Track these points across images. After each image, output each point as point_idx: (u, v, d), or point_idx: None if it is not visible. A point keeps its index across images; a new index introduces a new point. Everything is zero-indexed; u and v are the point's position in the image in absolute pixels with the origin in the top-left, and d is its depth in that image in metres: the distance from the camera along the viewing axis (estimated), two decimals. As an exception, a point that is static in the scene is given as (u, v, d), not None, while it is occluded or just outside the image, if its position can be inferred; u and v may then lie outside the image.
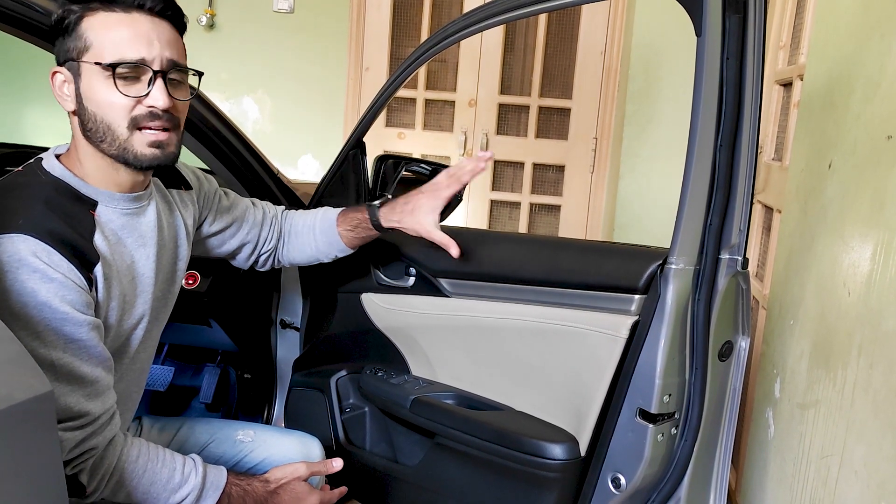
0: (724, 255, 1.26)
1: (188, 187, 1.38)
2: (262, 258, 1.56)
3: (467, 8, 3.63)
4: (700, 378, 1.27)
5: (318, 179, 1.86)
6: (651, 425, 1.26)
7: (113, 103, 1.07)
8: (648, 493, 1.35)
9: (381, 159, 1.91)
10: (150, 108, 1.08)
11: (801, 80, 1.79)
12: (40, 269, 1.00)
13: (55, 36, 1.10)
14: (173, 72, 1.11)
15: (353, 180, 1.76)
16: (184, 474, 1.16)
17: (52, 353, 1.01)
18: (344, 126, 3.87)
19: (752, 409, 1.72)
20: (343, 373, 1.74)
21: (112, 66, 1.06)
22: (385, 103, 1.66)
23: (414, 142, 3.82)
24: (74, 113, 1.11)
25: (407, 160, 2.07)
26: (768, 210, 2.06)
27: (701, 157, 1.19)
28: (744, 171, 1.22)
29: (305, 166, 3.99)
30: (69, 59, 1.09)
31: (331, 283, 1.80)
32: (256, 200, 1.57)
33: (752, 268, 2.11)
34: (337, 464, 1.39)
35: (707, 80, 1.16)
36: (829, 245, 1.29)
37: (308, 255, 1.57)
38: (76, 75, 1.09)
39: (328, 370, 1.76)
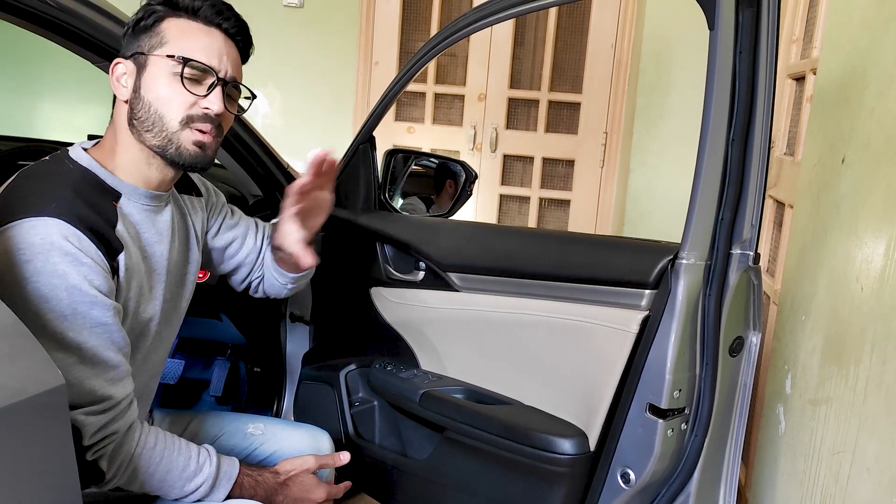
0: (736, 251, 1.25)
1: (199, 194, 1.40)
2: (255, 282, 1.52)
3: (477, 2, 3.62)
4: (710, 373, 1.27)
5: (327, 173, 1.86)
6: (661, 420, 1.26)
7: (173, 97, 1.13)
8: (658, 489, 1.35)
9: (391, 153, 1.91)
10: (206, 110, 1.15)
11: (814, 74, 1.78)
12: (71, 253, 1.02)
13: (126, 33, 1.18)
14: (230, 87, 1.18)
15: (363, 174, 1.77)
16: (199, 463, 1.18)
17: (80, 337, 1.02)
18: (353, 120, 3.88)
19: (763, 405, 1.72)
20: (352, 367, 1.75)
21: (185, 60, 1.12)
22: (395, 98, 1.66)
23: (423, 136, 3.82)
24: (126, 102, 1.15)
25: (416, 154, 2.08)
26: (780, 205, 2.05)
27: (713, 152, 1.19)
28: (756, 165, 1.21)
29: (315, 160, 3.99)
30: (138, 53, 1.15)
31: (341, 277, 1.80)
32: (259, 221, 1.54)
33: (763, 263, 2.10)
34: (344, 457, 1.41)
35: (719, 75, 1.15)
36: (842, 240, 1.29)
37: (269, 280, 1.49)
38: (141, 67, 1.14)
39: (337, 364, 1.77)
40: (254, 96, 1.26)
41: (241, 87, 1.22)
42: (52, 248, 1.01)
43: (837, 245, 1.31)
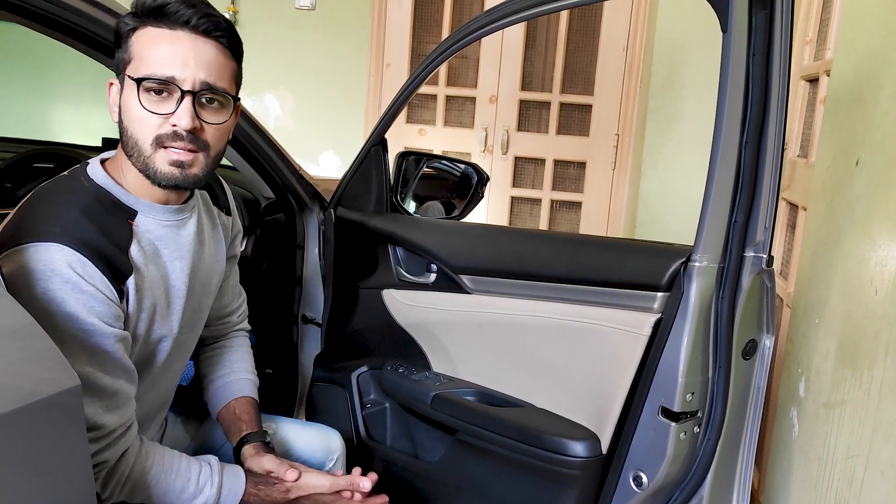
0: (749, 253, 1.24)
1: (228, 214, 1.39)
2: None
3: (488, 4, 3.62)
4: (723, 376, 1.26)
5: (339, 176, 1.86)
6: (673, 423, 1.25)
7: (141, 119, 1.07)
8: (670, 492, 1.34)
9: (403, 156, 1.92)
10: (174, 128, 1.07)
11: (828, 75, 1.77)
12: (72, 280, 1.00)
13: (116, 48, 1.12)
14: (207, 93, 1.09)
15: (374, 177, 1.77)
16: (199, 484, 1.15)
17: (76, 364, 0.99)
18: (365, 122, 3.89)
19: (777, 409, 1.71)
20: (364, 368, 1.75)
21: (138, 81, 1.05)
22: (407, 100, 1.66)
23: (435, 138, 3.82)
24: (118, 124, 1.12)
25: (428, 157, 2.08)
26: (793, 207, 2.04)
27: (726, 154, 1.18)
28: (769, 167, 1.20)
29: (327, 163, 4.01)
30: (119, 72, 1.11)
31: (352, 279, 1.81)
32: (241, 291, 1.52)
33: (776, 265, 2.09)
34: (365, 485, 1.29)
35: (732, 77, 1.15)
36: (856, 243, 1.28)
37: (201, 381, 1.47)
38: (122, 87, 1.10)
39: (349, 366, 1.77)
40: (235, 99, 1.14)
41: (221, 92, 1.10)
42: (53, 274, 0.99)
43: (851, 248, 1.30)
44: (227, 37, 1.10)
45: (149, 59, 1.06)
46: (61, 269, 1.00)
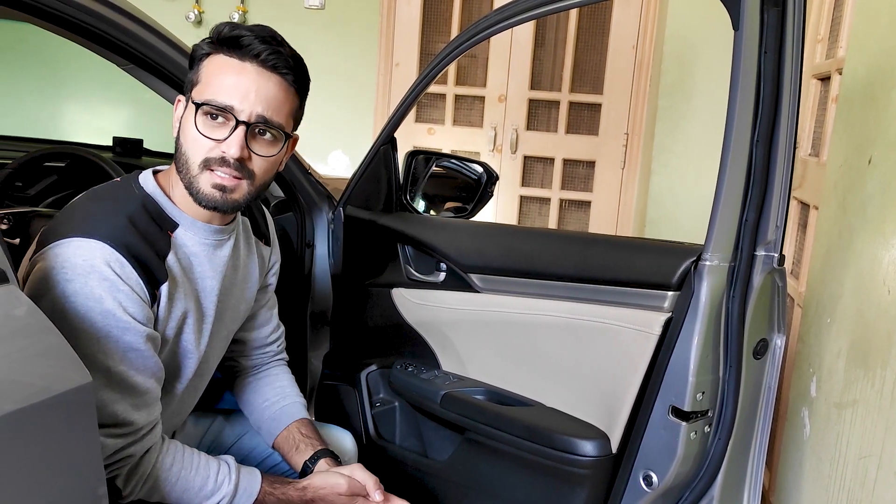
0: (760, 252, 1.24)
1: (267, 244, 1.42)
2: (234, 356, 1.47)
3: (497, 3, 3.62)
4: (734, 376, 1.26)
5: (348, 175, 1.86)
6: (684, 423, 1.25)
7: (195, 139, 1.11)
8: (681, 492, 1.34)
9: (412, 155, 1.92)
10: (223, 154, 1.11)
11: (840, 74, 1.76)
12: (110, 279, 1.04)
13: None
14: (261, 126, 1.12)
15: (384, 176, 1.77)
16: (217, 481, 1.17)
17: (109, 361, 1.04)
18: (374, 122, 3.89)
19: (788, 409, 1.70)
20: (373, 367, 1.75)
21: (197, 105, 1.10)
22: (416, 99, 1.66)
23: (444, 137, 3.82)
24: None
25: (437, 156, 2.08)
26: (805, 206, 2.03)
27: (737, 153, 1.18)
28: (781, 166, 1.20)
29: (336, 162, 4.01)
30: (185, 91, 1.16)
31: (361, 278, 1.81)
32: (279, 322, 1.53)
33: (787, 265, 2.08)
34: (378, 496, 1.29)
35: (744, 75, 1.14)
36: (869, 242, 1.27)
37: (248, 406, 1.46)
38: (186, 105, 1.14)
39: (358, 365, 1.77)
40: (287, 136, 1.17)
41: (273, 125, 1.13)
42: (92, 271, 1.03)
43: (864, 247, 1.29)
44: (293, 75, 1.14)
45: (213, 85, 1.11)
46: (100, 266, 1.03)
